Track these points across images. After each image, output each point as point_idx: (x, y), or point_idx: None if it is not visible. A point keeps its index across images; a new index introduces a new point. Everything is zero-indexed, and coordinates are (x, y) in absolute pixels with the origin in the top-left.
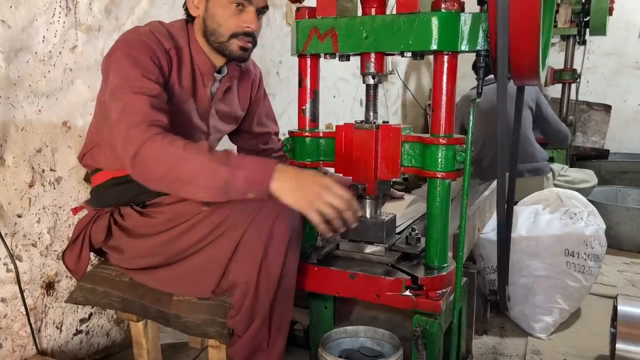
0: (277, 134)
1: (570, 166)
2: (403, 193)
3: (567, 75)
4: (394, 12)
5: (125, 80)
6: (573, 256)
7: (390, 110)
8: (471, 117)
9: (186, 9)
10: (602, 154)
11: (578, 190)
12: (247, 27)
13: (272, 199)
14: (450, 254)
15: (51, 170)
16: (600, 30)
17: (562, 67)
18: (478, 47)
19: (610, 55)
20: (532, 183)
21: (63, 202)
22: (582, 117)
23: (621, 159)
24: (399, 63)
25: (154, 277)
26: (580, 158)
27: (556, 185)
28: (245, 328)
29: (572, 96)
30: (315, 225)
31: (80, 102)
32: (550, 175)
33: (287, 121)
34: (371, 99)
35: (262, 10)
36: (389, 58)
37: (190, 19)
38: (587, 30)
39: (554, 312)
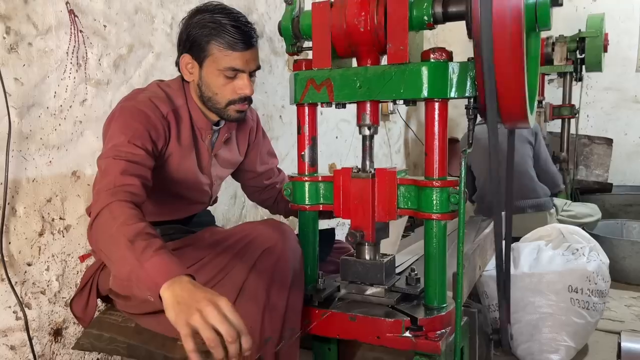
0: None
1: (574, 200)
2: None
3: (566, 111)
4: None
5: (112, 146)
6: (577, 292)
7: (392, 149)
8: (462, 168)
9: (179, 68)
10: (606, 187)
11: (582, 224)
12: (243, 93)
13: (297, 247)
14: (450, 294)
15: (60, 218)
16: (596, 67)
17: (560, 102)
18: (467, 94)
19: (609, 90)
20: (535, 219)
21: (71, 249)
22: (584, 150)
23: (625, 192)
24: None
25: (159, 322)
26: (583, 192)
27: (560, 221)
28: None
29: (572, 130)
30: (187, 349)
31: (90, 152)
32: (553, 210)
33: (290, 163)
34: (367, 149)
35: (254, 73)
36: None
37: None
38: (584, 67)
39: (561, 349)
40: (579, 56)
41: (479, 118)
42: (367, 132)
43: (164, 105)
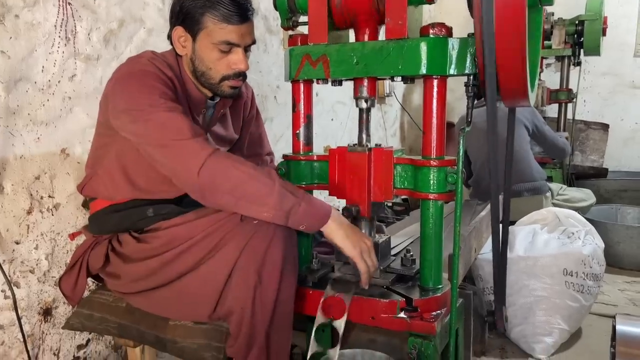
0: (269, 154)
1: (569, 185)
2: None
3: (563, 95)
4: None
5: (148, 104)
6: (572, 276)
7: (388, 132)
8: (461, 146)
9: (172, 41)
10: (601, 172)
11: (576, 209)
12: (237, 68)
13: (291, 230)
14: (445, 275)
15: (49, 197)
16: (595, 51)
17: (558, 87)
18: (466, 71)
19: (606, 74)
20: (531, 202)
21: (61, 228)
22: (580, 136)
23: (620, 177)
24: (396, 86)
25: (150, 300)
26: (579, 177)
27: (555, 205)
28: (244, 357)
29: (569, 115)
30: (362, 273)
31: (79, 130)
32: (549, 194)
33: (285, 144)
34: (364, 122)
35: (249, 47)
36: (387, 81)
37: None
38: (582, 50)
39: (554, 332)
40: (577, 40)
41: None
42: (364, 105)
43: (166, 69)
